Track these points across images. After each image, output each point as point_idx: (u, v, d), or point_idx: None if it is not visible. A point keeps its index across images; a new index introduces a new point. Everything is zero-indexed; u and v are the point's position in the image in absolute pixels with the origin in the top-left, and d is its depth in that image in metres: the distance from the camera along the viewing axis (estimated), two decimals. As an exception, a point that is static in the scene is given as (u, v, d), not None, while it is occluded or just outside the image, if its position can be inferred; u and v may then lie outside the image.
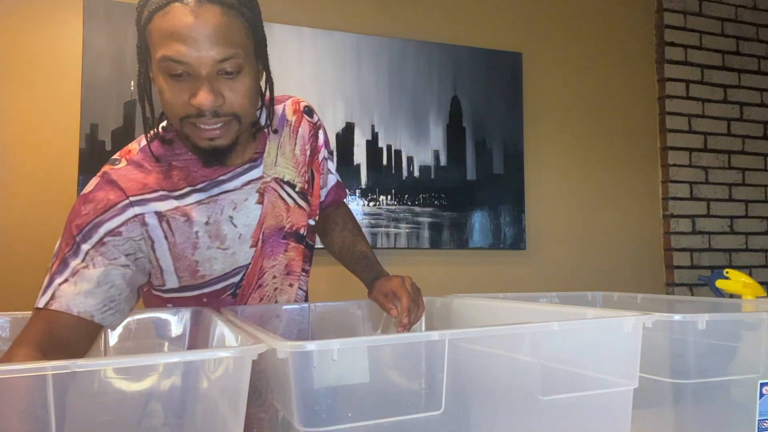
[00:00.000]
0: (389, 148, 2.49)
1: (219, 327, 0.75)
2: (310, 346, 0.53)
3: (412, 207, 2.50)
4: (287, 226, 1.05)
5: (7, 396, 0.46)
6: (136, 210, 0.89)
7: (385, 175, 2.48)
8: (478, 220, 2.60)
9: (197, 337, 0.92)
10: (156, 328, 0.94)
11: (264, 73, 0.94)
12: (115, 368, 0.50)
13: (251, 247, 1.00)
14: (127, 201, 0.88)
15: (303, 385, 0.53)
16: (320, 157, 1.12)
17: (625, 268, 2.86)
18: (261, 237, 1.01)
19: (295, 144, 1.07)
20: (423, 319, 1.13)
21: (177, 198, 0.92)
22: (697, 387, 0.75)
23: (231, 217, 0.97)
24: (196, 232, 0.94)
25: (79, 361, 0.46)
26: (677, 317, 0.73)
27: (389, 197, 2.47)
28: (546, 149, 2.78)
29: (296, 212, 1.06)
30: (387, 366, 0.58)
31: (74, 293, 0.81)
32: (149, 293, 1.01)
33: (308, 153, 1.09)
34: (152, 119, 0.92)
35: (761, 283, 1.39)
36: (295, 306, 1.05)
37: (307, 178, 1.09)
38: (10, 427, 0.46)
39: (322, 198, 1.16)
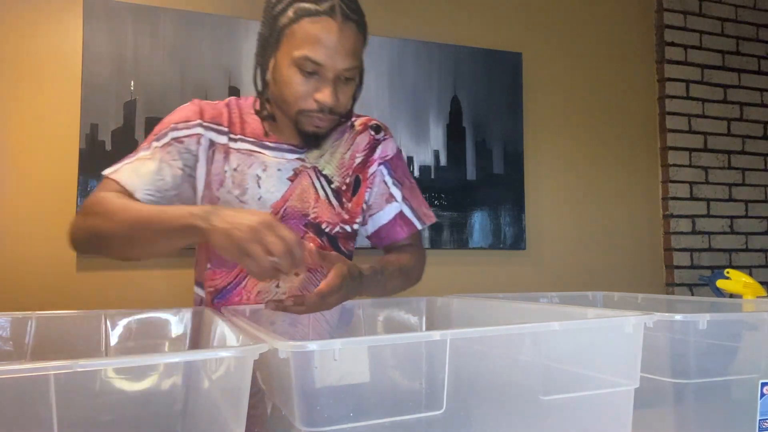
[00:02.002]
0: (389, 148, 2.49)
1: (220, 327, 0.75)
2: (312, 346, 0.52)
3: (412, 207, 2.50)
4: (312, 215, 1.09)
5: (8, 395, 0.46)
6: (199, 131, 1.07)
7: (385, 175, 2.47)
8: (478, 220, 2.60)
9: (198, 337, 0.92)
10: (157, 328, 0.94)
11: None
12: (116, 368, 0.50)
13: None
14: (197, 122, 1.07)
15: (304, 385, 0.53)
16: (371, 169, 1.16)
17: (625, 268, 2.86)
18: (282, 213, 1.07)
19: (348, 149, 1.16)
20: (423, 319, 1.13)
21: (231, 140, 1.08)
22: (698, 387, 0.75)
23: (258, 177, 1.08)
24: (225, 171, 1.07)
25: (81, 361, 0.45)
26: (678, 317, 0.73)
27: (389, 197, 2.47)
28: (546, 149, 2.78)
29: (324, 206, 1.10)
30: (388, 366, 0.58)
31: (130, 171, 1.02)
32: None
33: (357, 160, 1.15)
34: (263, 95, 1.09)
35: (761, 283, 1.39)
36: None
37: (348, 181, 1.13)
38: (12, 427, 0.46)
39: (374, 223, 1.17)
